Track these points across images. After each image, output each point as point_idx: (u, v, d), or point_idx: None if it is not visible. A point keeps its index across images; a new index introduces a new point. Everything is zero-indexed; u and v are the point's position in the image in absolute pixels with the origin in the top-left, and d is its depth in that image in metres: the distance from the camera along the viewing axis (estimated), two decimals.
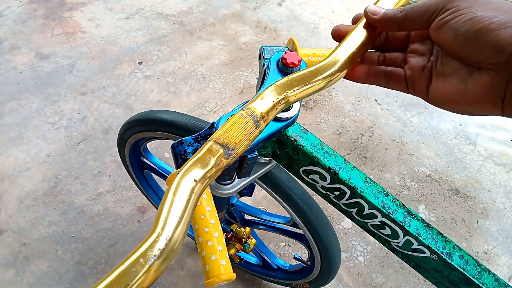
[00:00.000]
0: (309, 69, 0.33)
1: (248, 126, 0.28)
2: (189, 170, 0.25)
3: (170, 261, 0.22)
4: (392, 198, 0.49)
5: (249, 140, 0.29)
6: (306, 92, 0.32)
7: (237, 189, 0.48)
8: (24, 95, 1.53)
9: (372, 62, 0.37)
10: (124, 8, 1.97)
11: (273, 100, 0.30)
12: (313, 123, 1.55)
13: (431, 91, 0.32)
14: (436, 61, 0.32)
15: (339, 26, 0.37)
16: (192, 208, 0.25)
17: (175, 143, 0.41)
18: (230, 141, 0.27)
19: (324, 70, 0.33)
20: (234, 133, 0.28)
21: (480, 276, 0.47)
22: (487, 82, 0.27)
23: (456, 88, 0.30)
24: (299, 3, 2.11)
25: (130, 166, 0.94)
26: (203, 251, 0.35)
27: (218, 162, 0.26)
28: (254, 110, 0.29)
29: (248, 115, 0.29)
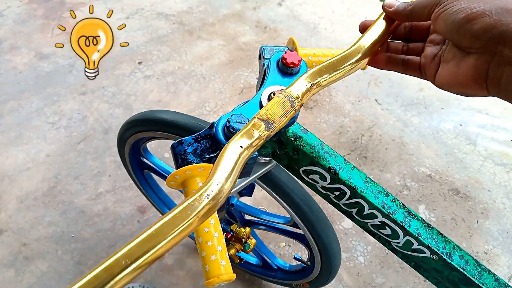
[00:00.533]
0: (337, 57, 0.37)
1: (285, 105, 0.34)
2: (238, 139, 0.31)
3: (218, 204, 0.27)
4: (392, 198, 0.49)
5: (286, 117, 0.34)
6: (335, 77, 0.37)
7: (237, 189, 0.48)
8: (24, 95, 1.53)
9: (397, 51, 0.41)
10: (124, 8, 1.97)
11: (306, 85, 0.35)
12: (313, 123, 1.55)
13: (437, 76, 0.36)
14: (445, 49, 0.36)
15: (365, 21, 0.42)
16: (239, 169, 0.30)
17: (175, 143, 0.41)
18: (270, 117, 0.33)
19: (350, 57, 0.37)
20: (273, 111, 0.33)
21: (480, 276, 0.47)
22: (472, 65, 0.31)
23: (452, 71, 0.34)
24: (299, 3, 2.11)
25: (130, 166, 0.94)
26: (203, 251, 0.35)
27: (260, 134, 0.32)
28: (290, 93, 0.35)
29: (285, 96, 0.34)
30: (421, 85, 1.75)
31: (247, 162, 0.43)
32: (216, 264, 0.34)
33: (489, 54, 0.30)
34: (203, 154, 0.40)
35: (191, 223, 0.26)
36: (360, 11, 2.05)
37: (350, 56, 0.38)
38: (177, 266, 1.14)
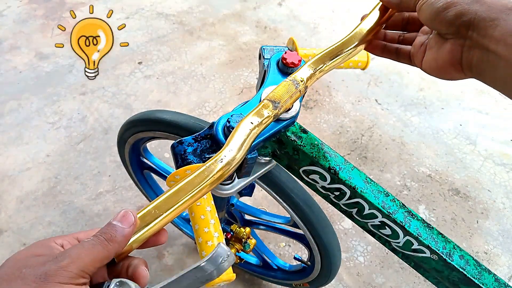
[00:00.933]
0: (336, 44, 0.41)
1: (290, 88, 0.38)
2: (249, 117, 0.35)
3: (230, 169, 0.32)
4: (392, 198, 0.49)
5: (292, 98, 0.38)
6: (336, 62, 0.41)
7: (237, 189, 0.48)
8: (24, 95, 1.53)
9: (393, 41, 0.45)
10: (124, 8, 1.97)
11: (309, 70, 0.39)
12: (313, 123, 1.55)
13: (423, 62, 0.39)
14: (430, 37, 0.39)
15: (366, 14, 0.46)
16: (250, 143, 0.34)
17: (175, 143, 0.41)
18: (277, 98, 0.37)
19: (348, 44, 0.41)
20: (280, 93, 0.38)
21: (480, 276, 0.47)
22: (449, 49, 0.35)
23: (434, 57, 0.37)
24: (299, 3, 2.11)
25: (130, 166, 0.94)
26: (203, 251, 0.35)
27: (269, 112, 0.36)
28: (295, 77, 0.39)
29: (290, 80, 0.39)
30: (421, 85, 1.75)
31: (247, 162, 0.43)
32: None
33: (461, 38, 0.33)
34: (203, 154, 0.40)
35: (207, 184, 0.31)
36: (360, 11, 2.05)
37: (348, 43, 0.41)
38: (177, 266, 1.14)
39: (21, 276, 0.25)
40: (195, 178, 0.31)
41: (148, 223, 0.30)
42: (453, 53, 0.35)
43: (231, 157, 0.32)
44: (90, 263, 0.27)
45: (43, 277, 0.25)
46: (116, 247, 0.28)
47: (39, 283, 0.25)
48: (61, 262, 0.26)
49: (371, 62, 1.38)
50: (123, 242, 0.28)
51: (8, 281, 0.25)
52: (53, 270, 0.25)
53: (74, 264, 0.26)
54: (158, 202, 0.30)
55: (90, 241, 0.28)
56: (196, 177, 0.31)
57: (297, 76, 0.39)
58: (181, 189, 0.30)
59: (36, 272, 0.25)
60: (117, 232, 0.28)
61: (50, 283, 0.25)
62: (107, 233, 0.28)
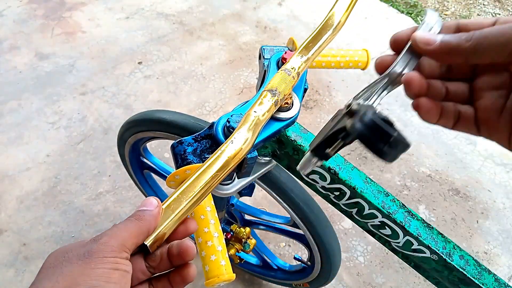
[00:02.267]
0: (317, 29, 0.42)
1: (283, 75, 0.40)
2: (252, 108, 0.37)
3: (238, 159, 0.34)
4: (392, 198, 0.49)
5: (286, 83, 0.40)
6: (321, 47, 0.42)
7: (237, 189, 0.48)
8: (24, 95, 1.53)
9: (437, 95, 0.28)
10: (124, 8, 1.97)
11: (298, 58, 0.41)
12: (313, 123, 1.55)
13: None
14: None
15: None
16: (256, 132, 0.36)
17: (175, 143, 0.41)
18: (273, 86, 0.39)
19: (326, 28, 0.42)
20: (275, 82, 0.39)
21: (480, 276, 0.47)
22: None
23: None
24: (299, 3, 2.11)
25: (130, 166, 0.94)
26: (203, 251, 0.35)
27: (269, 100, 0.38)
28: (285, 67, 0.41)
29: (282, 69, 0.40)
30: None
31: (247, 162, 0.43)
32: (216, 264, 0.34)
33: None
34: (203, 154, 0.40)
35: (217, 172, 0.33)
36: (360, 11, 2.05)
37: (325, 28, 0.42)
38: None
39: (66, 260, 0.26)
40: (208, 167, 0.33)
41: (175, 209, 0.31)
42: None
43: (242, 139, 0.34)
44: (128, 238, 0.28)
45: (87, 254, 0.26)
46: (147, 224, 0.30)
47: (85, 260, 0.25)
48: (101, 239, 0.27)
49: (371, 62, 1.38)
50: (152, 221, 0.30)
51: (54, 267, 0.26)
52: (95, 248, 0.26)
53: (113, 239, 0.27)
54: (182, 189, 0.32)
55: (122, 222, 0.29)
56: (209, 165, 0.33)
57: (287, 65, 0.41)
58: (200, 175, 0.32)
59: (79, 252, 0.26)
60: (145, 212, 0.30)
61: (95, 258, 0.26)
62: (135, 215, 0.30)
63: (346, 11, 0.43)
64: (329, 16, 0.43)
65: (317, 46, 0.42)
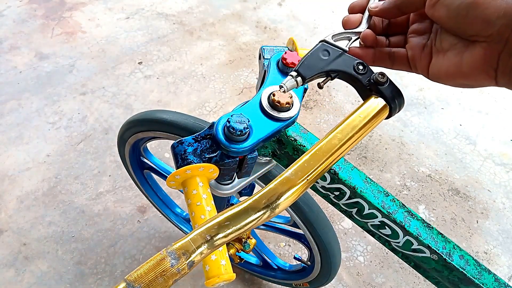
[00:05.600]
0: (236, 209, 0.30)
1: (162, 264, 0.26)
2: None
3: None
4: (392, 198, 0.49)
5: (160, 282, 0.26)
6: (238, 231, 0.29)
7: (237, 189, 0.48)
8: (24, 95, 1.53)
9: (382, 45, 0.38)
10: (124, 8, 1.97)
11: (202, 244, 0.28)
12: (313, 123, 1.55)
13: (431, 68, 0.33)
14: (435, 38, 0.33)
15: (349, 17, 0.39)
16: None
17: (175, 143, 0.41)
18: (137, 280, 0.25)
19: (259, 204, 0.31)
20: (141, 272, 0.26)
21: (480, 276, 0.47)
22: (481, 54, 0.29)
23: (453, 62, 0.31)
24: (299, 3, 2.11)
25: (130, 166, 0.94)
26: None
27: None
28: (174, 246, 0.27)
29: (165, 253, 0.26)
30: (421, 85, 1.75)
31: (247, 162, 0.44)
32: (216, 264, 0.34)
33: (500, 43, 0.27)
34: (203, 154, 0.40)
35: None
36: None
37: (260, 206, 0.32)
38: None
39: None
40: None
41: None
42: (486, 59, 0.28)
43: None
44: None
45: None
46: None
47: None
48: None
49: None
50: None
51: None
52: None
53: None
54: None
55: None
56: None
57: (175, 246, 0.27)
58: None
59: None
60: None
61: None
62: None
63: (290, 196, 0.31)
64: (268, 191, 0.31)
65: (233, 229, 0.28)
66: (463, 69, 0.30)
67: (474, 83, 0.31)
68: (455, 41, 0.31)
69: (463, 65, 0.30)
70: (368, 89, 0.34)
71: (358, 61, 0.35)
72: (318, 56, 0.35)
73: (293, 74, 0.34)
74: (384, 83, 0.34)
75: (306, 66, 0.34)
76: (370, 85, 0.34)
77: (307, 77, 0.34)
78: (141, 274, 0.25)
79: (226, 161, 0.41)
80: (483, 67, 0.29)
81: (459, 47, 0.30)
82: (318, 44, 0.36)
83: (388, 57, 0.37)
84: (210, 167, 0.40)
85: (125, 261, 1.13)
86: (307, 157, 0.31)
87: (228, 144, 0.39)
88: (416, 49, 0.34)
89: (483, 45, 0.28)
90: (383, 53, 0.37)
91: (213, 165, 0.40)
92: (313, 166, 0.31)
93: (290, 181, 0.30)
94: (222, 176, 0.44)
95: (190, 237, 0.27)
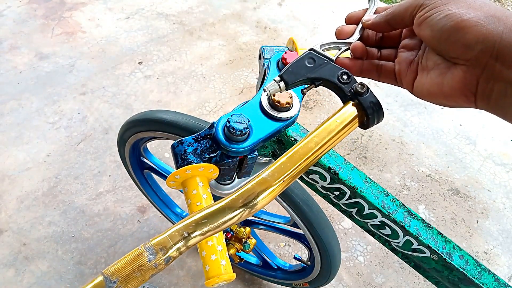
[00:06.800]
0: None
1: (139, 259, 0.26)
2: None
3: None
4: (392, 198, 0.49)
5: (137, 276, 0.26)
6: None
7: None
8: (24, 95, 1.53)
9: (373, 57, 0.38)
10: (124, 8, 1.97)
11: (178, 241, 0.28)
12: (313, 123, 1.55)
13: (416, 84, 0.34)
14: (422, 55, 0.34)
15: (342, 27, 0.40)
16: None
17: (175, 143, 0.41)
18: (113, 274, 0.25)
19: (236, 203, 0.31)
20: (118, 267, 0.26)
21: (480, 276, 0.47)
22: (461, 77, 0.29)
23: (435, 82, 0.31)
24: (299, 3, 2.11)
25: (130, 166, 0.94)
26: (203, 251, 0.35)
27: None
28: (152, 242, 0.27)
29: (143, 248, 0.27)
30: None
31: (247, 162, 0.44)
32: (216, 264, 0.34)
33: (479, 67, 0.27)
34: (203, 154, 0.40)
35: None
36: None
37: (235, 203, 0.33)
38: (178, 266, 1.14)
39: None
40: None
41: None
42: (466, 82, 0.29)
43: None
44: None
45: None
46: None
47: None
48: None
49: None
50: None
51: None
52: None
53: None
54: None
55: None
56: None
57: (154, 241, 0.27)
58: None
59: None
60: None
61: None
62: None
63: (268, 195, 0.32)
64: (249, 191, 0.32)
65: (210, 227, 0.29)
66: (444, 90, 0.30)
67: (454, 104, 0.31)
68: (439, 61, 0.31)
69: (444, 85, 0.30)
70: (349, 98, 0.35)
71: (343, 70, 0.36)
72: (304, 64, 0.36)
73: (277, 79, 0.35)
74: (363, 93, 0.34)
75: (290, 72, 0.35)
76: (350, 95, 0.35)
77: (290, 83, 0.35)
78: (119, 268, 0.26)
79: (226, 161, 0.41)
80: (462, 90, 0.29)
81: (442, 67, 0.31)
82: (306, 52, 0.37)
83: (375, 70, 0.37)
84: (210, 167, 0.40)
85: None
86: (284, 159, 0.32)
87: (228, 144, 0.39)
88: (403, 64, 0.35)
89: (463, 68, 0.29)
90: (371, 65, 0.38)
91: (213, 165, 0.40)
92: (289, 168, 0.32)
93: (267, 181, 0.31)
94: (222, 176, 0.44)
95: (168, 233, 0.28)
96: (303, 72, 0.35)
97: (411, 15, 0.31)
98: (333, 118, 0.34)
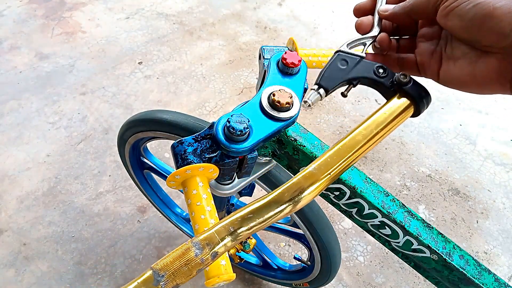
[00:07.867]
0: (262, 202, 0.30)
1: (187, 254, 0.26)
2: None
3: None
4: (392, 198, 0.49)
5: (185, 271, 0.26)
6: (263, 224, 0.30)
7: (237, 189, 0.48)
8: (24, 95, 1.53)
9: (393, 48, 0.38)
10: (124, 8, 1.97)
11: (226, 236, 0.28)
12: (313, 123, 1.55)
13: (442, 74, 0.33)
14: (445, 45, 0.33)
15: (363, 20, 0.39)
16: None
17: (175, 143, 0.41)
18: (162, 268, 0.26)
19: None
20: (168, 261, 0.26)
21: (480, 276, 0.47)
22: (495, 65, 0.29)
23: (466, 71, 0.31)
24: (299, 3, 2.11)
25: (130, 166, 0.94)
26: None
27: None
28: (198, 238, 0.28)
29: (190, 244, 0.27)
30: None
31: (247, 162, 0.44)
32: (216, 264, 0.34)
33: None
34: (203, 154, 0.40)
35: None
36: None
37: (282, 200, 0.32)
38: None
39: None
40: None
41: None
42: (500, 70, 0.28)
43: None
44: None
45: None
46: None
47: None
48: None
49: None
50: None
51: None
52: None
53: None
54: None
55: None
56: None
57: (200, 237, 0.27)
58: None
59: None
60: None
61: None
62: None
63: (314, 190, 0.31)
64: None
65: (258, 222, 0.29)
66: (477, 79, 0.30)
67: (488, 92, 0.31)
68: (467, 50, 0.31)
69: (476, 74, 0.30)
70: (392, 91, 0.34)
71: (377, 65, 0.35)
72: (337, 67, 0.35)
73: (315, 87, 0.35)
74: (407, 83, 0.34)
75: (326, 77, 0.35)
76: (393, 87, 0.34)
77: (329, 88, 0.35)
78: (167, 263, 0.26)
79: (226, 161, 0.41)
80: (497, 78, 0.29)
81: (472, 56, 0.30)
82: (334, 55, 0.36)
83: (396, 63, 0.38)
84: (210, 167, 0.40)
85: (125, 261, 1.13)
86: (331, 153, 0.31)
87: (228, 144, 0.39)
88: (425, 55, 0.35)
89: (497, 56, 0.28)
90: (392, 59, 0.38)
91: (213, 165, 0.40)
92: (336, 162, 0.31)
93: (314, 175, 0.30)
94: (222, 176, 0.44)
95: (214, 229, 0.28)
96: (339, 75, 0.35)
97: (434, 6, 0.31)
98: (381, 111, 0.33)
